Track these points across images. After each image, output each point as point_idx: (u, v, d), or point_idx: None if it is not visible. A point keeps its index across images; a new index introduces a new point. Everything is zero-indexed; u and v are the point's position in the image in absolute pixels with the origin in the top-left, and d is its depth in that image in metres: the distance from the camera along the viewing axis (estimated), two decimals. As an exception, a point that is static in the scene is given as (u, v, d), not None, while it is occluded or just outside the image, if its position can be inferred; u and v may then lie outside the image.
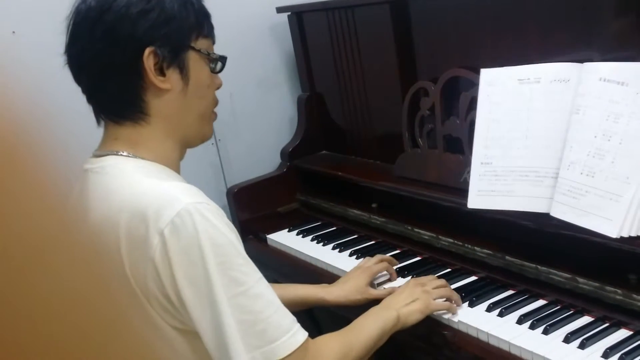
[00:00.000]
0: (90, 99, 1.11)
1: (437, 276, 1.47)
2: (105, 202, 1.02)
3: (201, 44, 1.12)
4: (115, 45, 1.04)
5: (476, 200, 1.38)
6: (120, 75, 1.06)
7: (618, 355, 1.12)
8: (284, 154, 2.12)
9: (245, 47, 2.13)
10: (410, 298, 1.30)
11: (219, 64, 1.17)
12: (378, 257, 1.54)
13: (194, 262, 0.96)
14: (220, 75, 1.18)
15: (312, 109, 2.11)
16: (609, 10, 1.33)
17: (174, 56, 1.08)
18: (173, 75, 1.09)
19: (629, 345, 1.14)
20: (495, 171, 1.36)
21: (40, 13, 1.61)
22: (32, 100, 0.30)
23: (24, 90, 0.29)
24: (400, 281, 1.51)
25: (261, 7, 2.12)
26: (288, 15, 2.08)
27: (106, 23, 1.04)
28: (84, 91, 1.10)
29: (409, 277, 1.49)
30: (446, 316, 1.34)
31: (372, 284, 1.46)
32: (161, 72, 1.07)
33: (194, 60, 1.11)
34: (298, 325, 1.05)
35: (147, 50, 1.05)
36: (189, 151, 1.24)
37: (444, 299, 1.35)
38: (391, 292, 1.40)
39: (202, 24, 1.13)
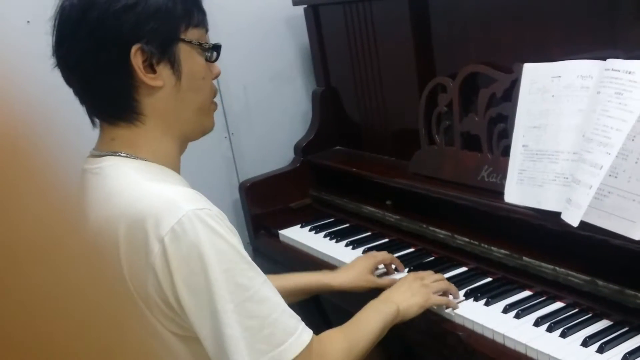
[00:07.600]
0: (82, 101, 1.07)
1: (452, 276, 1.46)
2: (104, 206, 1.00)
3: (192, 34, 1.07)
4: (101, 45, 1.00)
5: (513, 196, 1.35)
6: (109, 76, 1.02)
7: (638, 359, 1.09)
8: (297, 148, 2.10)
9: (260, 39, 2.11)
10: (409, 292, 1.30)
11: (214, 53, 1.11)
12: (384, 253, 1.54)
13: (195, 271, 0.94)
14: (234, 68, 1.16)
15: (327, 103, 2.09)
16: (635, 7, 1.29)
17: (163, 51, 1.03)
18: (164, 70, 1.04)
19: (650, 351, 1.12)
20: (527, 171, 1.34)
21: (55, 1, 1.60)
22: (36, 98, 0.29)
23: (29, 88, 0.28)
24: (399, 275, 1.50)
25: (277, -1, 2.11)
26: (304, 8, 2.05)
27: (90, 23, 1.00)
28: (76, 93, 1.07)
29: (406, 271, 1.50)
30: (447, 310, 1.34)
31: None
32: (151, 68, 1.03)
33: (185, 53, 1.06)
34: (303, 324, 1.04)
35: (134, 48, 1.00)
36: (201, 144, 1.22)
37: (442, 293, 1.35)
38: (393, 282, 1.42)
39: (191, 13, 1.07)
